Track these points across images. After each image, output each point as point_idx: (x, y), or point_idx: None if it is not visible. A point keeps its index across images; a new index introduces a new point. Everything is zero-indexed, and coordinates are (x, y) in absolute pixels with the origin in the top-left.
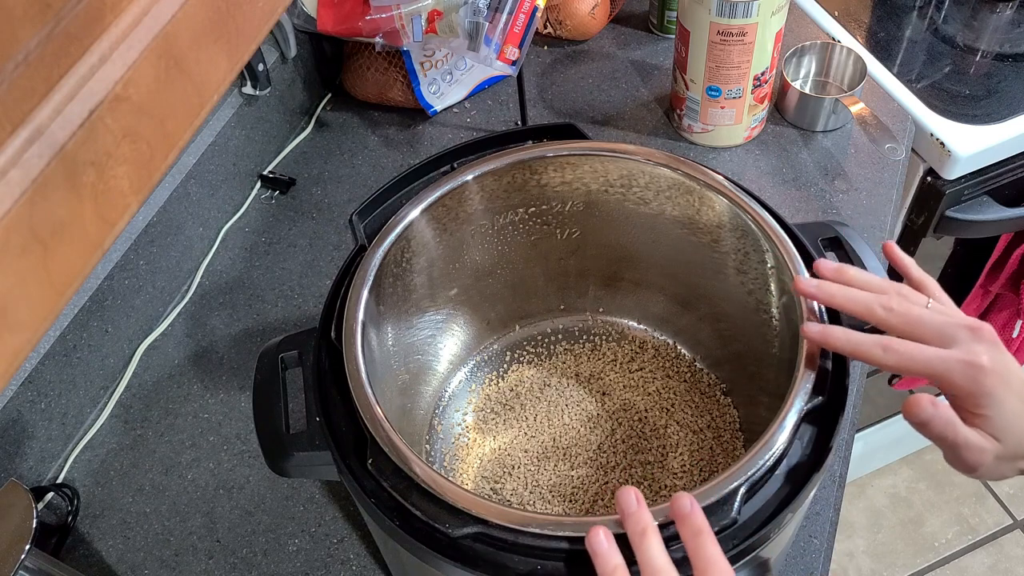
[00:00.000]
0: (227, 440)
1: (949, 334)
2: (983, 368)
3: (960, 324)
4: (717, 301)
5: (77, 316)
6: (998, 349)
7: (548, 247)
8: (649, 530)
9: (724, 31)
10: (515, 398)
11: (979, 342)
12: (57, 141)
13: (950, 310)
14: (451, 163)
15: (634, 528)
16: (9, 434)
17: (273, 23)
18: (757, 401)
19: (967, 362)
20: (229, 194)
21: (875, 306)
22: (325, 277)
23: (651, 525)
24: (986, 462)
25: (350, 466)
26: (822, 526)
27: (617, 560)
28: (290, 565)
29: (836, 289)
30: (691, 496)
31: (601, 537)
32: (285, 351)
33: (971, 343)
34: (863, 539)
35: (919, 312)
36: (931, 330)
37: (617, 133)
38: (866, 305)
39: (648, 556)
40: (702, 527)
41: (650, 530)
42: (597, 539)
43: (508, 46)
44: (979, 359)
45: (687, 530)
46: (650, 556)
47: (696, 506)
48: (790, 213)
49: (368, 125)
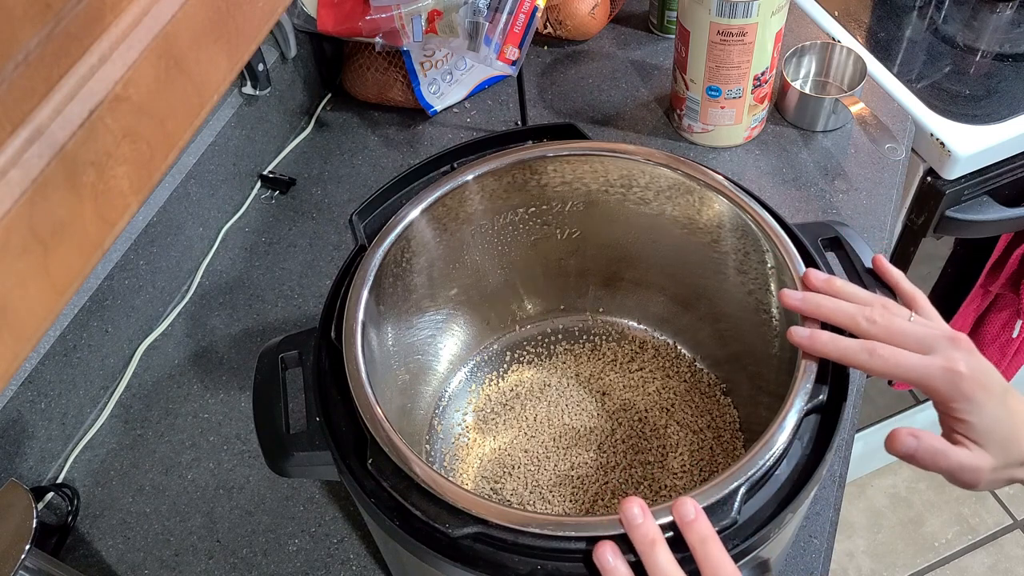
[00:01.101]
0: (227, 440)
1: (929, 343)
2: (961, 374)
3: (940, 335)
4: (717, 301)
5: (77, 316)
6: (975, 356)
7: (548, 247)
8: (657, 541)
9: (724, 31)
10: (515, 398)
11: (957, 350)
12: (57, 141)
13: (933, 322)
14: (451, 163)
15: (642, 540)
16: (9, 434)
17: (273, 23)
18: (757, 401)
19: (946, 368)
20: (229, 194)
21: (859, 318)
22: (325, 277)
23: (659, 536)
24: (983, 479)
25: (350, 466)
26: (822, 526)
27: (626, 572)
28: (290, 565)
29: (821, 300)
30: (694, 501)
31: (608, 555)
32: (285, 351)
33: (950, 351)
34: (863, 539)
35: (901, 324)
36: (912, 340)
37: (617, 133)
38: (850, 316)
39: (659, 566)
40: (708, 533)
41: (658, 541)
42: (605, 555)
43: (508, 46)
44: (957, 365)
45: (694, 536)
46: (660, 566)
47: (700, 512)
48: (790, 213)
49: (368, 125)
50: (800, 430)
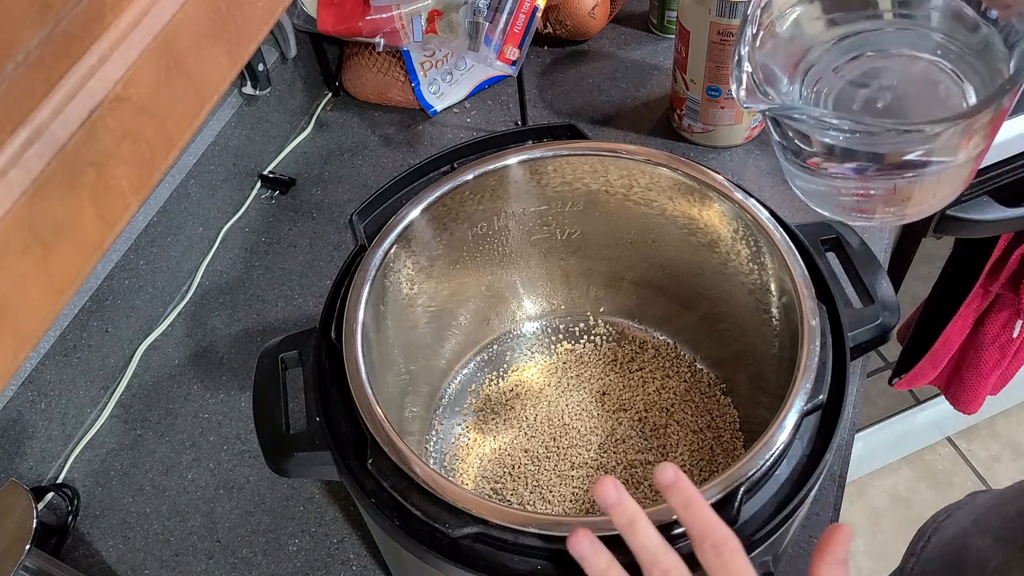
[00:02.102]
0: (227, 440)
1: None
2: None
3: None
4: (717, 301)
5: (77, 316)
6: None
7: (548, 247)
8: (637, 517)
9: (724, 31)
10: (515, 398)
11: None
12: (57, 141)
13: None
14: (451, 163)
15: (621, 519)
16: (9, 434)
17: (273, 23)
18: (757, 401)
19: None
20: (229, 194)
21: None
22: (325, 277)
23: (638, 512)
24: None
25: (350, 466)
26: (822, 526)
27: (606, 560)
28: (290, 565)
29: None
30: (674, 465)
31: (584, 542)
32: (285, 351)
33: None
34: (863, 539)
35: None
36: None
37: (617, 133)
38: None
39: (642, 543)
40: (691, 494)
41: (638, 517)
42: (580, 544)
43: (508, 46)
44: None
45: (677, 500)
46: (644, 542)
47: (681, 475)
48: (790, 213)
49: (368, 125)
50: (800, 430)
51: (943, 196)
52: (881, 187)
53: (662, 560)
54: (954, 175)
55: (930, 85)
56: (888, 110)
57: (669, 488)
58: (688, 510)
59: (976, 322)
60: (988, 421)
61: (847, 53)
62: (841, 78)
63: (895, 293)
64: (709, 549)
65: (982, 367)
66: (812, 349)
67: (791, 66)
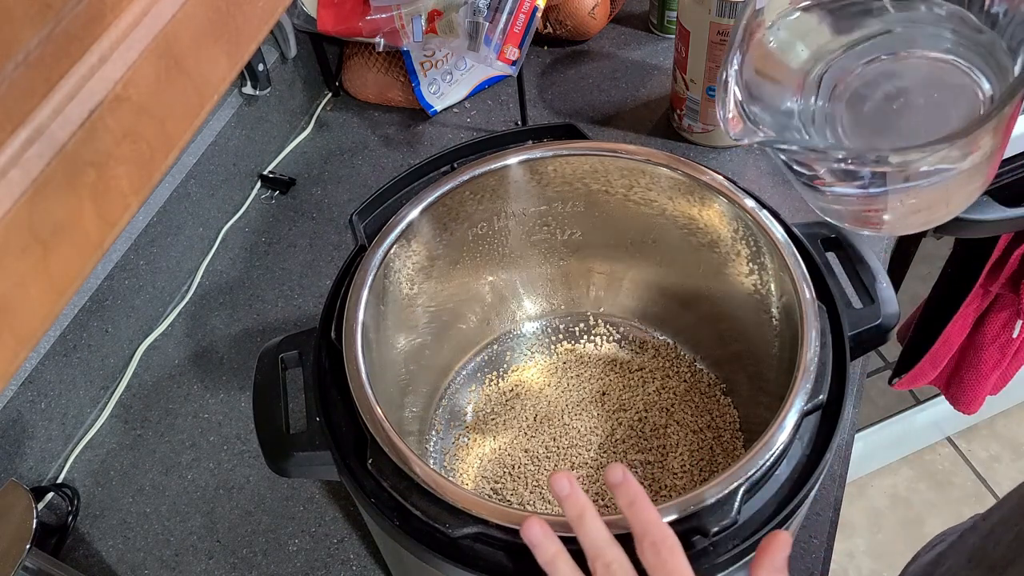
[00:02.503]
0: (227, 440)
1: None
2: None
3: None
4: (717, 301)
5: (77, 316)
6: None
7: (548, 247)
8: (586, 511)
9: (724, 31)
10: (515, 398)
11: None
12: (57, 141)
13: None
14: (451, 163)
15: (571, 511)
16: (9, 434)
17: (273, 23)
18: (757, 401)
19: None
20: (229, 194)
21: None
22: (325, 277)
23: (588, 506)
24: None
25: (350, 466)
26: (822, 526)
27: (556, 548)
28: (290, 565)
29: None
30: (622, 466)
31: (535, 529)
32: (285, 351)
33: None
34: (863, 539)
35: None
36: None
37: (617, 133)
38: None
39: (589, 536)
40: (636, 493)
41: (587, 511)
42: (532, 531)
43: (508, 46)
44: None
45: (622, 499)
46: (590, 535)
47: (628, 475)
48: (790, 213)
49: (368, 125)
50: (800, 430)
51: (960, 201)
52: (889, 203)
53: (606, 553)
54: (966, 181)
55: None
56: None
57: (617, 487)
58: (632, 508)
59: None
60: (988, 421)
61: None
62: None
63: (895, 293)
64: (648, 547)
65: (982, 367)
66: (812, 349)
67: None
